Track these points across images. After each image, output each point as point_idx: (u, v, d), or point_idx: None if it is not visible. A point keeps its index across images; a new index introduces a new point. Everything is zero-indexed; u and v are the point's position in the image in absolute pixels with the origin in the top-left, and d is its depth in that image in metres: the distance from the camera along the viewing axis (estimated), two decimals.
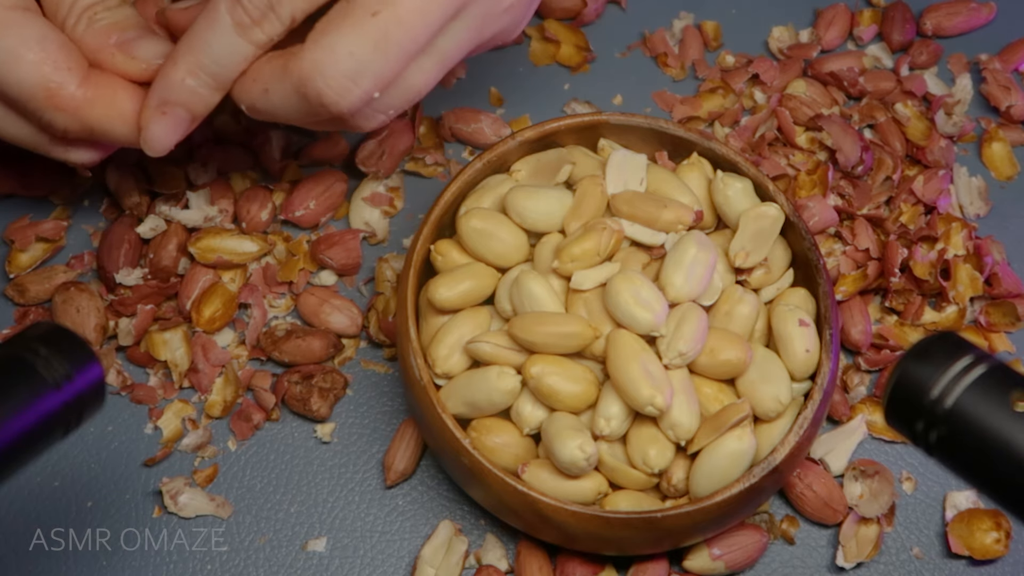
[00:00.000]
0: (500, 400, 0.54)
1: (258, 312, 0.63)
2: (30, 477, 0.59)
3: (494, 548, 0.58)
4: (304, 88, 0.52)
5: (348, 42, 0.52)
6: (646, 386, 0.52)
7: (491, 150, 0.59)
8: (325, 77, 0.52)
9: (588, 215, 0.56)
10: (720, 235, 0.58)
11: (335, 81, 0.52)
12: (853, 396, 0.62)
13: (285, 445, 0.61)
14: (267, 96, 0.54)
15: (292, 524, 0.59)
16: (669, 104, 0.69)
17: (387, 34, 0.52)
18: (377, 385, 0.62)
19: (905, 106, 0.68)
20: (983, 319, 0.63)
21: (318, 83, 0.52)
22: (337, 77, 0.52)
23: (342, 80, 0.52)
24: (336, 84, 0.52)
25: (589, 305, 0.55)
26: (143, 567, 0.58)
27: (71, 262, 0.64)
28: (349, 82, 0.52)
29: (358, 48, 0.52)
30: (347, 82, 0.52)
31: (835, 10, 0.71)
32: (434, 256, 0.57)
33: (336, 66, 0.52)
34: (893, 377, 0.41)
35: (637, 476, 0.54)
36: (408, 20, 0.52)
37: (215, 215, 0.64)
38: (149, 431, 0.61)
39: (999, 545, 0.58)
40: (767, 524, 0.59)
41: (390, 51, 0.52)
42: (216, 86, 0.54)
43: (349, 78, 0.52)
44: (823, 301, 0.56)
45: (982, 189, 0.66)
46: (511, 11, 0.55)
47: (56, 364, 0.42)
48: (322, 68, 0.52)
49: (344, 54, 0.52)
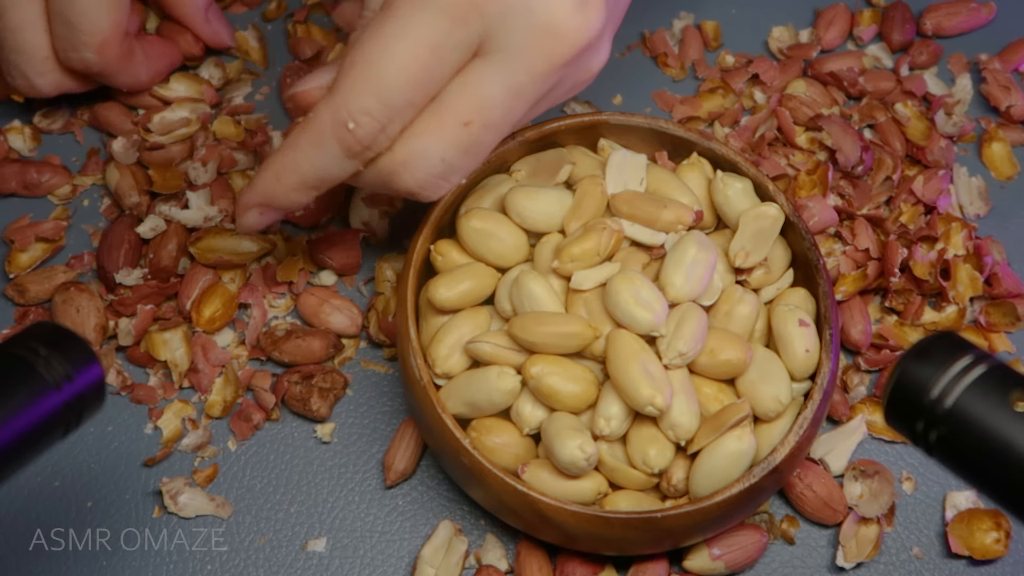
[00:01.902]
0: (500, 400, 0.54)
1: (258, 312, 0.63)
2: (30, 477, 0.59)
3: (494, 548, 0.58)
4: (392, 182, 0.54)
5: (440, 149, 0.53)
6: (646, 386, 0.52)
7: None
8: (416, 178, 0.53)
9: (588, 215, 0.56)
10: (720, 235, 0.58)
11: (425, 181, 0.54)
12: (853, 396, 0.62)
13: (285, 445, 0.61)
14: (356, 178, 0.55)
15: (292, 524, 0.59)
16: (669, 104, 0.69)
17: (478, 141, 0.53)
18: (377, 385, 0.62)
19: (905, 106, 0.68)
20: (983, 319, 0.63)
21: (407, 181, 0.54)
22: (428, 178, 0.54)
23: (432, 179, 0.54)
24: (426, 183, 0.54)
25: (589, 305, 0.55)
26: (143, 567, 0.58)
27: (71, 262, 0.64)
28: (440, 180, 0.54)
29: (450, 154, 0.53)
30: (438, 180, 0.54)
31: (835, 10, 0.71)
32: (434, 256, 0.57)
33: (428, 169, 0.53)
34: (893, 377, 0.41)
35: (637, 476, 0.54)
36: (498, 123, 0.53)
37: (215, 215, 0.64)
38: (149, 431, 0.61)
39: (999, 545, 0.58)
40: (767, 524, 0.59)
41: (480, 153, 0.54)
42: (319, 193, 0.56)
43: (440, 177, 0.54)
44: (823, 301, 0.56)
45: (982, 189, 0.67)
46: (586, 83, 0.56)
47: (56, 364, 0.42)
48: (413, 170, 0.53)
49: (435, 159, 0.53)
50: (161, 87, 0.67)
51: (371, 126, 0.52)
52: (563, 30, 0.51)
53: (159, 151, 0.66)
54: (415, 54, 0.51)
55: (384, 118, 0.51)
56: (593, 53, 0.54)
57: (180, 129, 0.66)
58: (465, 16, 0.50)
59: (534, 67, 0.52)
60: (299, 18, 0.71)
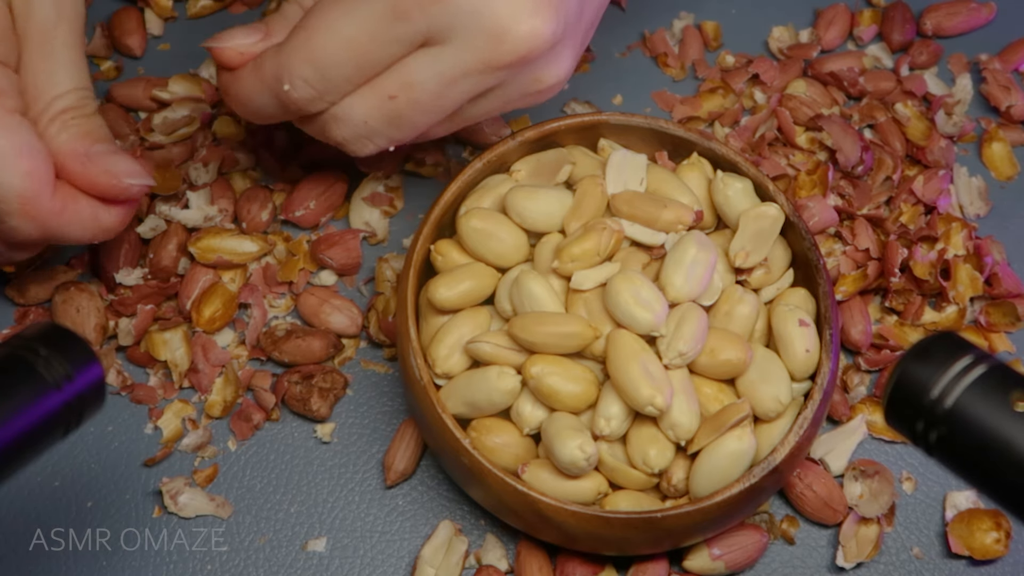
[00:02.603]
0: (500, 400, 0.54)
1: (258, 312, 0.63)
2: (30, 477, 0.59)
3: (494, 548, 0.58)
4: (327, 132, 0.56)
5: (364, 113, 0.55)
6: (646, 386, 0.52)
7: (491, 150, 0.59)
8: (343, 133, 0.56)
9: (588, 215, 0.56)
10: (720, 235, 0.58)
11: (352, 136, 0.56)
12: (853, 396, 0.62)
13: (285, 445, 0.61)
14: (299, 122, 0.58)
15: (292, 524, 0.59)
16: (669, 104, 0.69)
17: (401, 114, 0.55)
18: (377, 385, 0.62)
19: (905, 106, 0.68)
20: (983, 319, 0.63)
21: (336, 135, 0.56)
22: (354, 134, 0.56)
23: (356, 137, 0.56)
24: (353, 139, 0.56)
25: (589, 305, 0.55)
26: (143, 567, 0.58)
27: (71, 262, 0.64)
28: (364, 140, 0.56)
29: (372, 121, 0.55)
30: (362, 139, 0.56)
31: (835, 10, 0.71)
32: (434, 256, 0.57)
33: (352, 128, 0.56)
34: (893, 377, 0.41)
35: (637, 476, 0.54)
36: (424, 103, 0.54)
37: (215, 215, 0.64)
38: (149, 431, 0.61)
39: (999, 545, 0.58)
40: (767, 524, 0.59)
41: (404, 126, 0.55)
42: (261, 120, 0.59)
43: (364, 136, 0.56)
44: (823, 301, 0.56)
45: (982, 189, 0.66)
46: (538, 95, 0.56)
47: (56, 364, 0.42)
48: (340, 125, 0.56)
49: (359, 121, 0.55)
50: (160, 90, 0.67)
51: (305, 92, 0.54)
52: (508, 35, 0.52)
53: (159, 151, 0.65)
54: (355, 38, 0.53)
55: (319, 88, 0.54)
56: (544, 64, 0.55)
57: (182, 128, 0.66)
58: (407, 12, 0.52)
59: (468, 63, 0.53)
60: None
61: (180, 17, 0.71)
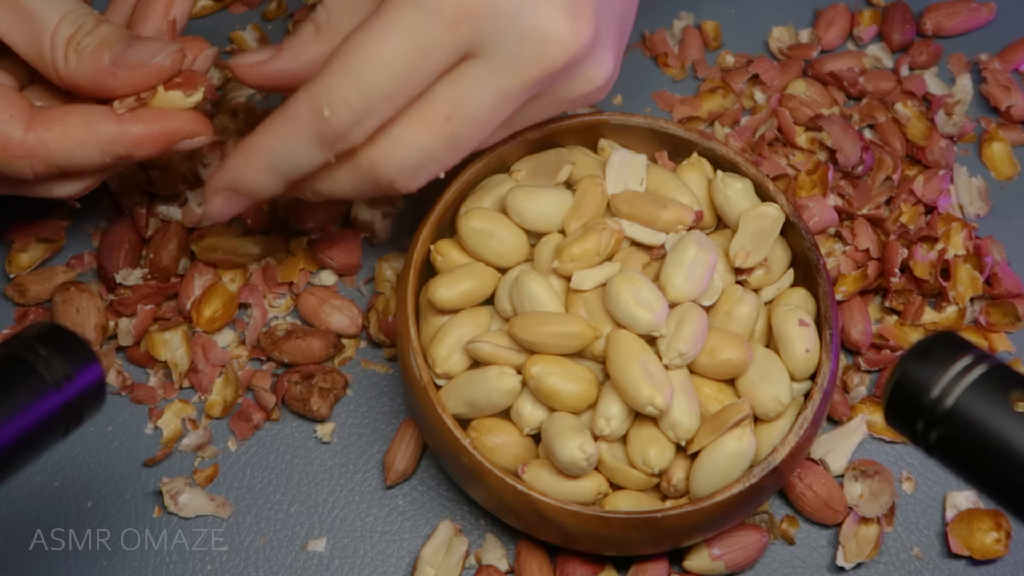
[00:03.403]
0: (500, 400, 0.54)
1: (258, 312, 0.63)
2: (30, 477, 0.59)
3: (494, 548, 0.58)
4: (375, 176, 0.54)
5: (419, 139, 0.53)
6: (646, 386, 0.52)
7: (491, 150, 0.59)
8: (396, 168, 0.53)
9: (588, 215, 0.56)
10: (720, 235, 0.58)
11: (405, 171, 0.54)
12: (853, 396, 0.62)
13: (285, 445, 0.61)
14: (334, 183, 0.55)
15: (292, 524, 0.59)
16: (669, 104, 0.69)
17: (460, 135, 0.53)
18: (377, 385, 0.62)
19: (905, 106, 0.68)
20: (983, 319, 0.63)
21: (389, 173, 0.54)
22: (407, 168, 0.54)
23: (412, 170, 0.54)
24: (406, 172, 0.54)
25: (589, 305, 0.55)
26: (143, 567, 0.58)
27: (71, 262, 0.64)
28: (420, 171, 0.54)
29: (429, 146, 0.53)
30: (417, 171, 0.54)
31: (835, 10, 0.71)
32: (434, 256, 0.57)
33: (407, 160, 0.53)
34: (893, 377, 0.41)
35: (637, 476, 0.54)
36: (481, 120, 0.53)
37: None
38: (149, 431, 0.61)
39: (999, 545, 0.58)
40: (767, 524, 0.59)
41: (461, 147, 0.54)
42: (288, 183, 0.55)
43: (419, 167, 0.54)
44: (823, 301, 0.56)
45: (982, 189, 0.66)
46: (588, 97, 0.55)
47: (56, 364, 0.42)
48: (393, 161, 0.53)
49: (415, 150, 0.53)
50: None
51: (347, 116, 0.52)
52: (553, 37, 0.52)
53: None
54: (401, 51, 0.51)
55: (362, 109, 0.51)
56: (589, 64, 0.54)
57: None
58: (455, 20, 0.51)
59: (523, 72, 0.52)
60: (299, 18, 0.71)
61: None
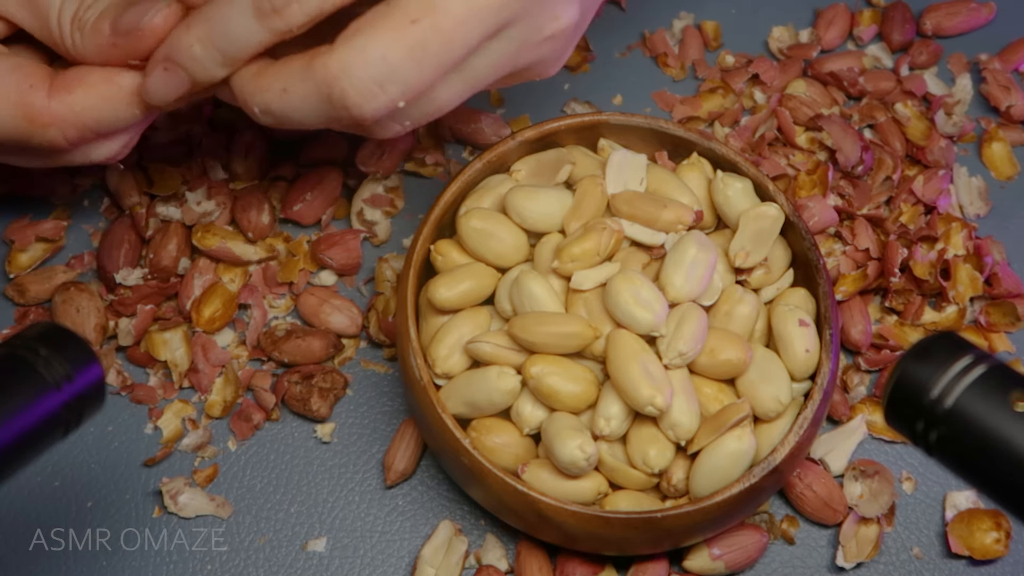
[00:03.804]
0: (500, 400, 0.54)
1: (258, 312, 0.63)
2: (30, 477, 0.59)
3: (494, 548, 0.58)
4: (328, 88, 0.50)
5: (382, 45, 0.49)
6: (646, 386, 0.52)
7: (491, 150, 0.59)
8: (352, 79, 0.49)
9: (588, 215, 0.56)
10: (720, 235, 0.58)
11: (362, 84, 0.50)
12: (853, 396, 0.62)
13: (285, 445, 0.61)
14: (285, 96, 0.51)
15: (292, 524, 0.59)
16: (669, 104, 0.69)
17: (424, 43, 0.49)
18: (377, 385, 0.62)
19: (905, 106, 0.68)
20: (983, 319, 0.63)
21: (344, 84, 0.50)
22: (365, 80, 0.50)
23: (370, 84, 0.50)
24: (363, 87, 0.50)
25: (589, 305, 0.55)
26: (143, 567, 0.58)
27: (71, 262, 0.64)
28: (376, 87, 0.50)
29: (392, 53, 0.49)
30: (374, 87, 0.50)
31: (835, 10, 0.71)
32: (434, 256, 0.57)
33: (366, 68, 0.49)
34: (893, 377, 0.41)
35: (637, 476, 0.54)
36: (448, 31, 0.49)
37: (213, 209, 0.64)
38: (149, 431, 0.61)
39: (999, 545, 0.58)
40: (767, 524, 0.59)
41: (424, 61, 0.50)
42: (222, 62, 0.52)
43: (377, 83, 0.50)
44: (823, 301, 0.56)
45: (982, 189, 0.66)
46: (551, 42, 0.53)
47: (56, 364, 0.42)
48: (350, 69, 0.49)
49: (376, 57, 0.49)
50: None
51: None
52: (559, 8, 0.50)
53: (159, 151, 0.65)
54: None
55: None
56: (562, 46, 0.53)
57: (184, 125, 0.66)
58: None
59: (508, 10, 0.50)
60: None
61: None
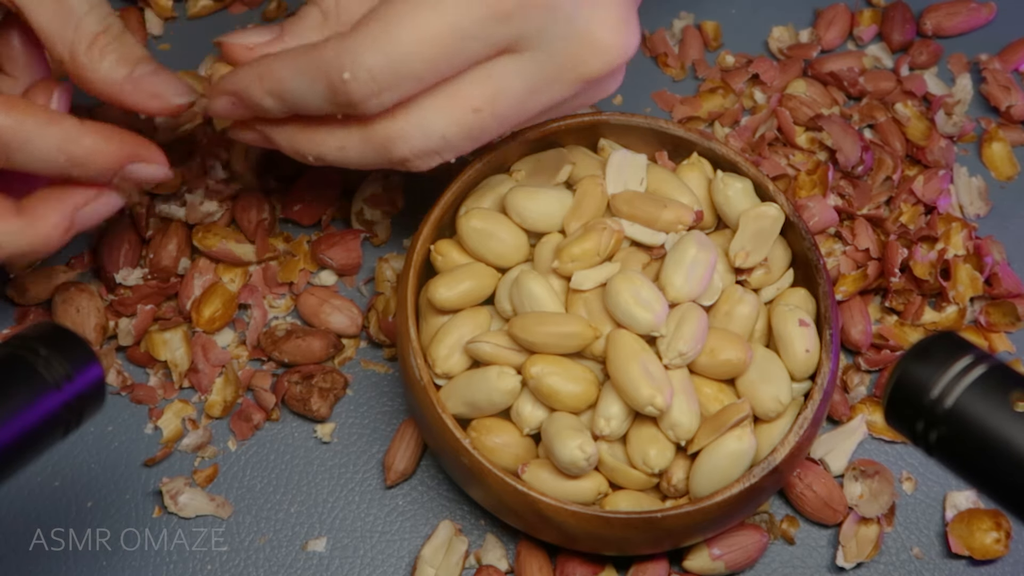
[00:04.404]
0: (500, 400, 0.54)
1: (258, 312, 0.63)
2: (30, 477, 0.59)
3: (494, 548, 0.58)
4: (388, 154, 0.52)
5: (444, 127, 0.51)
6: (646, 386, 0.52)
7: (491, 150, 0.59)
8: (413, 149, 0.52)
9: (588, 215, 0.56)
10: (720, 235, 0.58)
11: (422, 152, 0.52)
12: (853, 396, 0.62)
13: (285, 445, 0.61)
14: (343, 153, 0.53)
15: (292, 524, 0.59)
16: (669, 104, 0.69)
17: (483, 127, 0.51)
18: (377, 385, 0.62)
19: (905, 106, 0.68)
20: (983, 319, 0.63)
21: (404, 152, 0.52)
22: (424, 150, 0.52)
23: (428, 152, 0.52)
24: (422, 155, 0.52)
25: (589, 305, 0.55)
26: (143, 567, 0.58)
27: (71, 262, 0.64)
28: (436, 155, 0.52)
29: (452, 135, 0.51)
30: (433, 155, 0.52)
31: (835, 10, 0.71)
32: (434, 256, 0.57)
33: (426, 143, 0.51)
34: (893, 377, 0.41)
35: (637, 476, 0.54)
36: (509, 117, 0.51)
37: (215, 210, 0.64)
38: (149, 431, 0.61)
39: (999, 545, 0.58)
40: (767, 524, 0.59)
41: (481, 139, 0.52)
42: (288, 113, 0.53)
43: (435, 152, 0.52)
44: (823, 301, 0.56)
45: (982, 189, 0.67)
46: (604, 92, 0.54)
47: (56, 364, 0.42)
48: (411, 141, 0.51)
49: (436, 135, 0.51)
50: None
51: (367, 86, 0.49)
52: (603, 46, 0.51)
53: None
54: (441, 33, 0.49)
55: (384, 83, 0.49)
56: (619, 74, 0.53)
57: (185, 125, 0.66)
58: (508, 13, 0.49)
59: (563, 75, 0.51)
60: None
61: (180, 17, 0.71)
